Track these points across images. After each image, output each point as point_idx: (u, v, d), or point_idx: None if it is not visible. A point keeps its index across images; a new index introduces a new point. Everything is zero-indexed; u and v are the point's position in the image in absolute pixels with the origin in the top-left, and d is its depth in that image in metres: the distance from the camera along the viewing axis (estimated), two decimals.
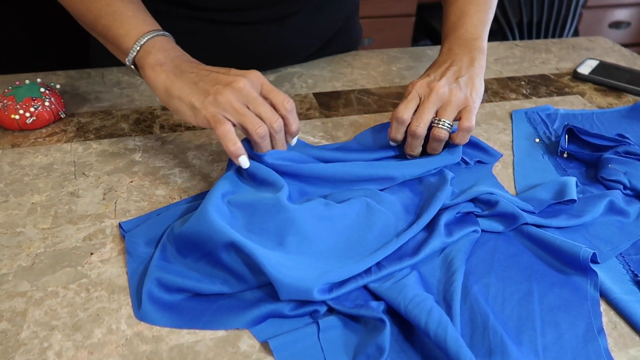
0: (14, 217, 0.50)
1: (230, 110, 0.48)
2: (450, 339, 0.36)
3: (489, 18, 0.64)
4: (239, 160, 0.49)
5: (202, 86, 0.49)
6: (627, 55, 0.92)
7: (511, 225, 0.49)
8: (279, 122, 0.50)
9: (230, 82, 0.49)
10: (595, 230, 0.49)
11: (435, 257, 0.45)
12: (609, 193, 0.52)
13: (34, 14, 0.96)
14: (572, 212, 0.50)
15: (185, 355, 0.38)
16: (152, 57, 0.52)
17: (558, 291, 0.43)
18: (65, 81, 0.75)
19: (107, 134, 0.63)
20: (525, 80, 0.81)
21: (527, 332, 0.39)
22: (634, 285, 0.44)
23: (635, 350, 0.39)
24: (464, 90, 0.55)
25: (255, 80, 0.50)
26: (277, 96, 0.51)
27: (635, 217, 0.50)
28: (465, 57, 0.59)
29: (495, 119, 0.70)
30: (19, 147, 0.60)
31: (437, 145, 0.56)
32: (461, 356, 0.35)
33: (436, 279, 0.44)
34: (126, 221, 0.48)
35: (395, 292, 0.40)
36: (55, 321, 0.40)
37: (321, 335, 0.39)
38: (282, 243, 0.44)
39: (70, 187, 0.54)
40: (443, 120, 0.54)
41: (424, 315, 0.38)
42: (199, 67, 0.52)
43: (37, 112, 0.62)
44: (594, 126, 0.68)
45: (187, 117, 0.50)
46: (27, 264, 0.45)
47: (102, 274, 0.44)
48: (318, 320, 0.40)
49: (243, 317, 0.40)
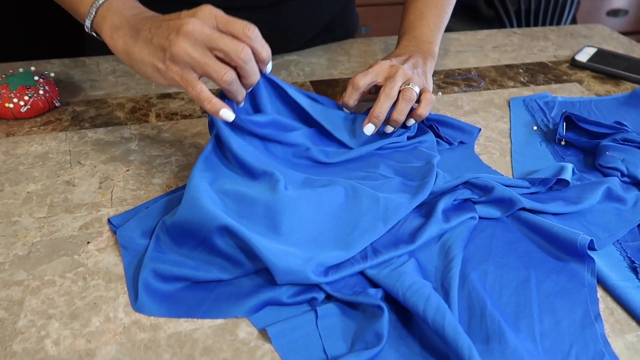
0: (9, 206, 0.49)
1: (191, 61, 0.44)
2: (448, 326, 0.36)
3: (443, 24, 0.69)
4: (220, 114, 0.46)
5: (157, 42, 0.45)
6: (625, 42, 0.92)
7: (508, 210, 0.49)
8: (246, 51, 0.45)
9: (180, 27, 0.44)
10: (592, 217, 0.49)
11: (433, 244, 0.45)
12: (607, 180, 0.52)
13: (28, 2, 0.95)
14: (570, 199, 0.50)
15: (183, 343, 0.38)
16: (108, 22, 0.49)
17: (555, 278, 0.43)
18: (59, 69, 0.74)
19: (103, 123, 0.62)
20: (523, 68, 0.80)
21: (525, 318, 0.40)
22: (630, 271, 0.44)
23: (631, 336, 0.39)
24: (421, 78, 0.59)
25: (207, 16, 0.46)
26: (235, 26, 0.46)
27: (632, 204, 0.51)
28: (420, 55, 0.63)
29: (493, 106, 0.69)
30: (13, 136, 0.59)
31: (405, 106, 0.56)
32: (459, 342, 0.35)
33: (434, 266, 0.44)
34: (115, 216, 0.48)
35: (393, 279, 0.40)
36: (52, 310, 0.40)
37: (319, 322, 0.39)
38: (273, 227, 0.44)
39: (66, 176, 0.54)
40: (412, 84, 0.57)
41: (422, 302, 0.38)
42: (152, 20, 0.48)
43: (32, 101, 0.61)
44: (592, 114, 0.67)
45: (158, 80, 0.47)
46: (23, 252, 0.44)
47: (98, 262, 0.44)
48: (316, 307, 0.40)
49: (242, 306, 0.40)
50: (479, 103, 0.70)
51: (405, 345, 0.38)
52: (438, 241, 0.46)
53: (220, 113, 0.46)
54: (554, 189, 0.52)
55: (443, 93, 0.72)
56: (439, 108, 0.68)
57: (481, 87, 0.74)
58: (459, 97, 0.71)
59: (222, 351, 0.37)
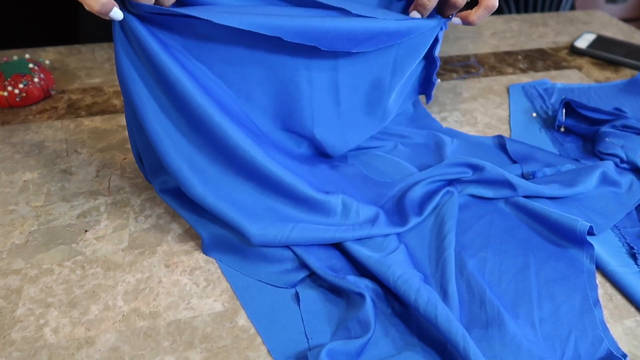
0: (5, 195, 0.49)
1: None
2: (440, 316, 0.35)
3: None
4: (110, 15, 0.38)
5: None
6: (625, 29, 0.91)
7: (500, 191, 0.49)
8: None
9: None
10: (588, 203, 0.49)
11: (425, 223, 0.46)
12: (602, 164, 0.52)
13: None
14: (565, 182, 0.50)
15: (182, 331, 0.38)
16: None
17: (554, 264, 0.43)
18: (54, 57, 0.73)
19: (99, 111, 0.62)
20: (523, 55, 0.80)
21: (524, 304, 0.40)
22: (629, 257, 0.44)
23: (630, 321, 0.39)
24: None
25: None
26: None
27: (627, 188, 0.51)
28: None
29: (492, 93, 0.69)
30: (9, 124, 0.59)
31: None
32: (453, 331, 0.35)
33: (427, 243, 0.44)
34: None
35: (384, 266, 0.40)
36: (51, 298, 0.40)
37: (302, 306, 0.39)
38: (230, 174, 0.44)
39: (63, 164, 0.53)
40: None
41: (413, 292, 0.37)
42: None
43: (27, 89, 0.60)
44: (592, 100, 0.67)
45: None
46: (20, 241, 0.44)
47: (97, 251, 0.44)
48: (298, 291, 0.40)
49: None
50: (478, 90, 0.69)
51: (397, 331, 0.38)
52: (430, 218, 0.46)
53: (111, 14, 0.38)
54: (547, 175, 0.52)
55: (442, 80, 0.71)
56: (438, 95, 0.68)
57: (480, 74, 0.74)
58: (457, 84, 0.71)
59: (222, 338, 0.37)
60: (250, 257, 0.42)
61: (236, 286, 0.41)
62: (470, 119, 0.63)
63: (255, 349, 0.37)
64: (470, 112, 0.64)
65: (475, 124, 0.62)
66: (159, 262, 0.43)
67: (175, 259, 0.43)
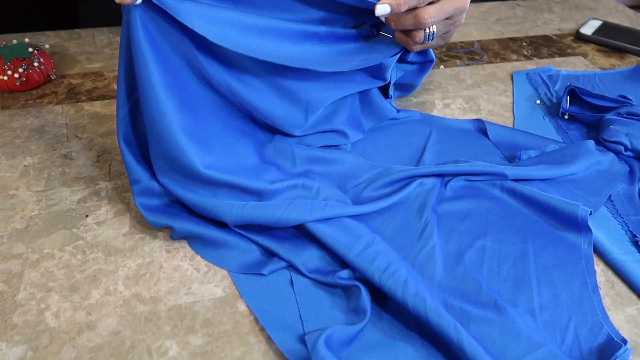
0: (6, 179, 0.49)
1: None
2: (429, 310, 0.35)
3: None
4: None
5: None
6: (631, 15, 0.90)
7: (490, 179, 0.49)
8: None
9: None
10: (580, 184, 0.49)
11: (397, 209, 0.45)
12: (584, 142, 0.53)
13: None
14: (552, 161, 0.50)
15: (183, 316, 0.38)
16: None
17: (553, 250, 0.43)
18: (54, 42, 0.73)
19: (100, 96, 0.62)
20: (527, 41, 0.79)
21: (524, 292, 0.39)
22: (632, 245, 0.44)
23: (632, 309, 0.39)
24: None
25: None
26: None
27: (609, 164, 0.52)
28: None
29: (496, 80, 0.68)
30: (9, 109, 0.59)
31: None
32: (444, 325, 0.34)
33: (405, 232, 0.43)
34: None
35: (367, 261, 0.39)
36: (52, 283, 0.40)
37: (295, 288, 0.39)
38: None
39: (63, 149, 0.53)
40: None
41: (400, 287, 0.37)
42: None
43: (27, 73, 0.60)
44: (596, 87, 0.66)
45: None
46: (21, 226, 0.44)
47: (97, 236, 0.44)
48: (291, 275, 0.40)
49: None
50: (482, 77, 0.69)
51: (392, 319, 0.38)
52: (401, 206, 0.46)
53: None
54: (532, 156, 0.52)
55: (445, 66, 0.71)
56: (441, 82, 0.67)
57: (484, 61, 0.73)
58: (461, 71, 0.70)
59: (223, 323, 0.37)
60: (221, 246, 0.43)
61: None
62: (473, 105, 0.63)
63: (256, 334, 0.37)
64: (473, 99, 0.64)
65: (479, 111, 0.62)
66: (160, 248, 0.43)
67: (176, 244, 0.43)
